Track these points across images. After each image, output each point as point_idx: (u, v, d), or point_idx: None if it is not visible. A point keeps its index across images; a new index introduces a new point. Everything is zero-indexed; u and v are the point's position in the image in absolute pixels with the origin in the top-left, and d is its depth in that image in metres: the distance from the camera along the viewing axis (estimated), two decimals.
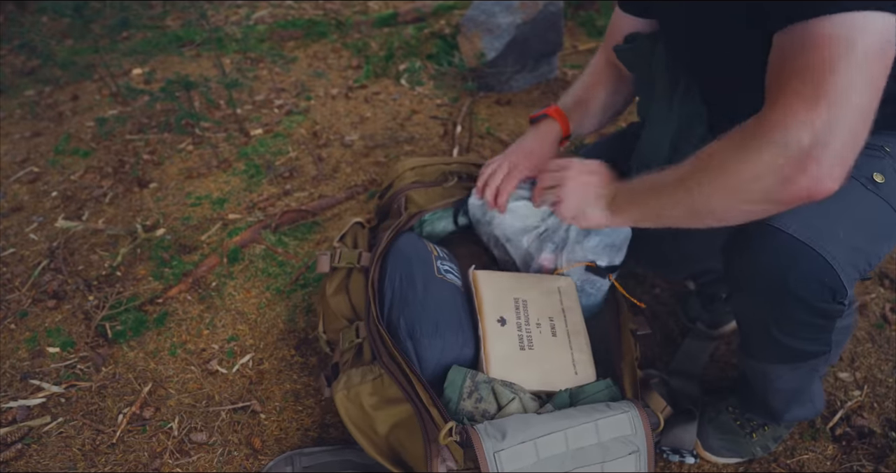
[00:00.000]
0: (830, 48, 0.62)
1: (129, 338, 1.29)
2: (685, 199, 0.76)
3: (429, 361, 0.92)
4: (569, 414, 0.84)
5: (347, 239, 1.17)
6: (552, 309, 1.00)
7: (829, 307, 0.78)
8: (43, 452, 1.09)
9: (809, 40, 0.63)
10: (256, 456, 1.08)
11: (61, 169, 1.80)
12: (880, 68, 0.63)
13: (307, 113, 2.03)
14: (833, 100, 0.61)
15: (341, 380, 0.93)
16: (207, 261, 1.45)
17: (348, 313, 1.06)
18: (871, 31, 0.61)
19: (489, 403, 0.87)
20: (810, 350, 0.86)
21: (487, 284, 1.01)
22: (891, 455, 1.08)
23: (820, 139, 0.62)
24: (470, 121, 1.85)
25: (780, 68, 0.67)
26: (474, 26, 2.06)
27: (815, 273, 0.73)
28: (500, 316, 0.97)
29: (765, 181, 0.67)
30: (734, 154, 0.69)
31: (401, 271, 1.01)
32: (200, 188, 1.70)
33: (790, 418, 1.01)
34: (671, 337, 1.29)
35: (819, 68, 0.62)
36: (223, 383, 1.21)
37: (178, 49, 2.46)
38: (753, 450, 1.05)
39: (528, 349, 0.95)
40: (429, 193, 1.20)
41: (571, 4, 2.62)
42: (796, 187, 0.65)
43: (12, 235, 1.57)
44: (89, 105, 2.11)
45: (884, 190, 0.79)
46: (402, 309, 0.97)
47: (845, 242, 0.75)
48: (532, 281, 1.04)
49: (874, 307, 1.37)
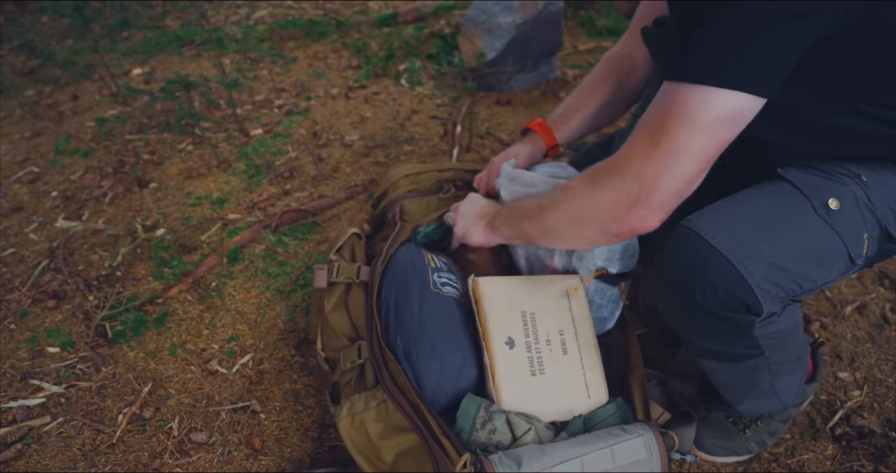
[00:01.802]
0: (677, 113, 0.70)
1: (129, 338, 1.29)
2: (541, 223, 0.89)
3: (427, 385, 0.90)
4: (584, 441, 0.84)
5: (345, 252, 1.12)
6: (562, 319, 0.96)
7: (738, 317, 0.79)
8: (43, 452, 1.09)
9: (667, 100, 0.72)
10: (256, 456, 1.08)
11: (61, 169, 1.80)
12: (715, 141, 0.71)
13: (307, 113, 2.03)
14: (663, 160, 0.72)
15: (344, 407, 0.90)
16: (207, 261, 1.45)
17: (349, 331, 1.02)
18: (717, 106, 0.68)
19: (503, 434, 0.85)
20: (734, 352, 0.87)
21: (490, 295, 0.95)
22: (891, 455, 1.08)
23: (647, 188, 0.74)
24: (470, 121, 1.85)
25: (645, 116, 0.75)
26: (474, 26, 2.06)
27: (725, 283, 0.76)
28: (508, 337, 0.93)
29: (601, 216, 0.80)
30: (582, 190, 0.82)
31: (396, 288, 0.98)
32: (200, 188, 1.70)
33: (749, 410, 1.01)
34: (671, 338, 1.29)
35: (662, 128, 0.72)
36: (223, 383, 1.21)
37: (178, 49, 2.46)
38: (749, 446, 1.05)
39: (540, 374, 0.91)
40: (423, 203, 1.17)
41: (571, 4, 2.62)
42: (624, 224, 0.78)
43: (12, 235, 1.57)
44: (89, 105, 2.11)
45: (835, 216, 0.79)
46: (399, 329, 0.94)
47: (768, 259, 0.76)
48: (539, 284, 0.99)
49: (874, 307, 1.37)
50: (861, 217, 0.80)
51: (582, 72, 2.30)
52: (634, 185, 0.74)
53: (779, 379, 0.94)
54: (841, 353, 1.27)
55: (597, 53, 2.43)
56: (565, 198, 0.84)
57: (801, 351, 0.98)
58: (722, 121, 0.69)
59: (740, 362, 0.89)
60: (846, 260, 0.80)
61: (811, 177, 0.82)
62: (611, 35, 2.55)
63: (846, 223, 0.79)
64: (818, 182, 0.81)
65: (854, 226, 0.80)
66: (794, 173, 0.83)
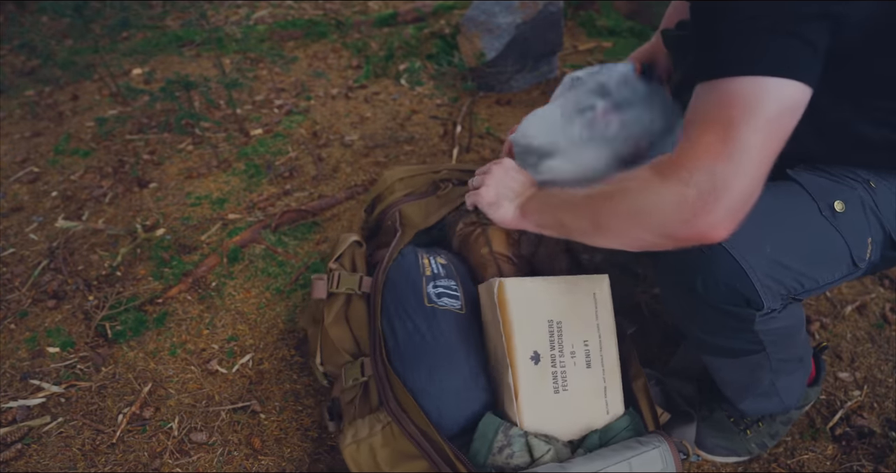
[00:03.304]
0: (738, 106, 0.65)
1: (129, 338, 1.29)
2: (589, 214, 0.78)
3: (431, 413, 0.86)
4: (602, 455, 0.84)
5: (345, 261, 1.06)
6: (587, 328, 0.92)
7: (739, 311, 0.79)
8: (43, 452, 1.09)
9: (722, 97, 0.67)
10: (256, 456, 1.08)
11: (61, 169, 1.80)
12: (781, 134, 0.66)
13: (307, 113, 2.03)
14: (734, 156, 0.65)
15: (348, 433, 0.86)
16: (207, 261, 1.45)
17: (350, 347, 0.97)
18: (776, 96, 0.65)
19: (521, 457, 0.84)
20: (736, 347, 0.87)
21: (517, 302, 0.88)
22: (891, 455, 1.08)
23: (718, 188, 0.65)
24: (470, 121, 1.85)
25: (696, 116, 0.70)
26: (474, 26, 2.06)
27: (727, 277, 0.76)
28: (534, 351, 0.87)
29: (663, 215, 0.69)
30: (645, 182, 0.72)
31: (393, 306, 0.94)
32: (200, 188, 1.70)
33: (750, 410, 1.01)
34: (670, 338, 1.29)
35: (726, 123, 0.66)
36: (223, 383, 1.21)
37: (178, 49, 2.46)
38: (749, 448, 1.05)
39: (563, 390, 0.88)
40: (423, 206, 1.12)
41: (571, 4, 2.62)
42: (690, 228, 0.68)
43: (12, 235, 1.57)
44: (89, 105, 2.11)
45: (840, 219, 0.79)
46: (394, 352, 0.91)
47: (770, 256, 0.76)
48: (566, 286, 0.92)
49: (874, 307, 1.37)
50: (866, 221, 0.81)
51: None
52: (706, 183, 0.66)
53: (780, 378, 0.95)
54: (841, 353, 1.27)
55: (597, 53, 2.43)
56: (623, 190, 0.75)
57: (804, 351, 0.98)
58: (783, 113, 0.66)
59: (742, 358, 0.89)
60: (849, 263, 0.81)
61: (819, 179, 0.83)
62: (611, 35, 2.55)
63: (850, 226, 0.80)
64: (826, 184, 0.82)
65: (858, 230, 0.80)
66: (803, 174, 0.84)
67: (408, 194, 1.16)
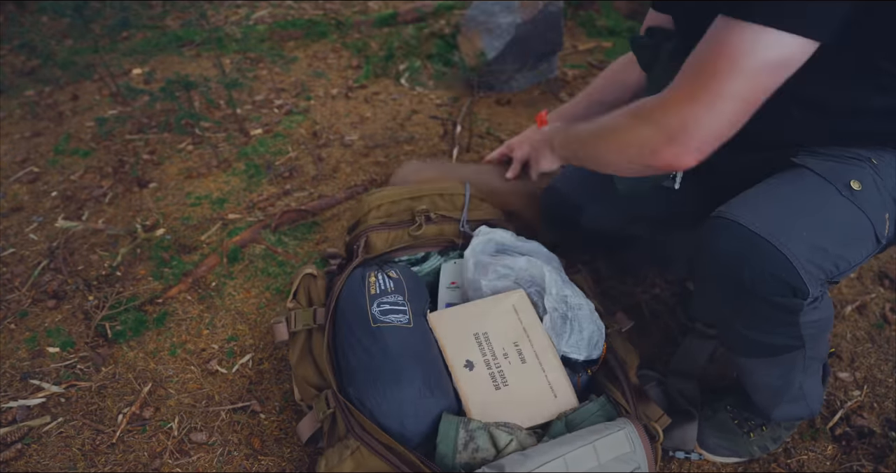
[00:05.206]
0: (725, 54, 0.69)
1: (128, 338, 1.29)
2: (591, 148, 0.95)
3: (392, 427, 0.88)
4: (566, 440, 0.84)
5: (300, 297, 1.09)
6: (514, 333, 1.00)
7: (787, 302, 0.79)
8: (43, 452, 1.09)
9: (717, 39, 0.70)
10: (256, 456, 1.08)
11: (61, 169, 1.80)
12: (761, 87, 0.70)
13: (307, 113, 2.03)
14: (707, 101, 0.72)
15: (321, 464, 0.89)
16: (207, 261, 1.45)
17: (315, 380, 1.00)
18: (770, 49, 0.66)
19: (486, 450, 0.85)
20: (778, 343, 0.87)
21: (444, 326, 1.01)
22: (891, 455, 1.08)
23: (687, 128, 0.75)
24: (470, 120, 1.85)
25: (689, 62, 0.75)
26: (474, 26, 2.06)
27: (773, 268, 0.76)
28: (466, 360, 0.97)
29: (640, 148, 0.82)
30: (628, 121, 0.85)
31: (341, 335, 0.98)
32: (200, 188, 1.70)
33: (781, 416, 1.00)
34: (670, 337, 1.29)
35: (709, 70, 0.71)
36: (223, 383, 1.21)
37: (178, 49, 2.46)
38: (751, 450, 1.05)
39: (504, 386, 0.95)
40: (389, 237, 1.15)
41: (571, 4, 2.62)
42: (660, 157, 0.80)
43: (12, 235, 1.57)
44: (89, 105, 2.11)
45: (859, 197, 0.80)
46: (346, 376, 0.94)
47: (808, 241, 0.76)
48: (486, 305, 1.03)
49: (874, 307, 1.37)
50: (881, 197, 0.81)
51: (582, 72, 2.30)
52: (675, 123, 0.75)
53: (807, 381, 0.95)
54: (841, 353, 1.27)
55: (596, 53, 2.43)
56: (612, 130, 0.88)
57: (826, 352, 0.98)
58: (769, 67, 0.68)
59: (780, 356, 0.89)
60: (873, 240, 0.81)
61: (826, 162, 0.83)
62: (611, 35, 2.56)
63: (870, 203, 0.80)
64: (835, 166, 0.82)
65: (877, 206, 0.81)
66: (808, 160, 0.84)
67: (383, 223, 1.18)
